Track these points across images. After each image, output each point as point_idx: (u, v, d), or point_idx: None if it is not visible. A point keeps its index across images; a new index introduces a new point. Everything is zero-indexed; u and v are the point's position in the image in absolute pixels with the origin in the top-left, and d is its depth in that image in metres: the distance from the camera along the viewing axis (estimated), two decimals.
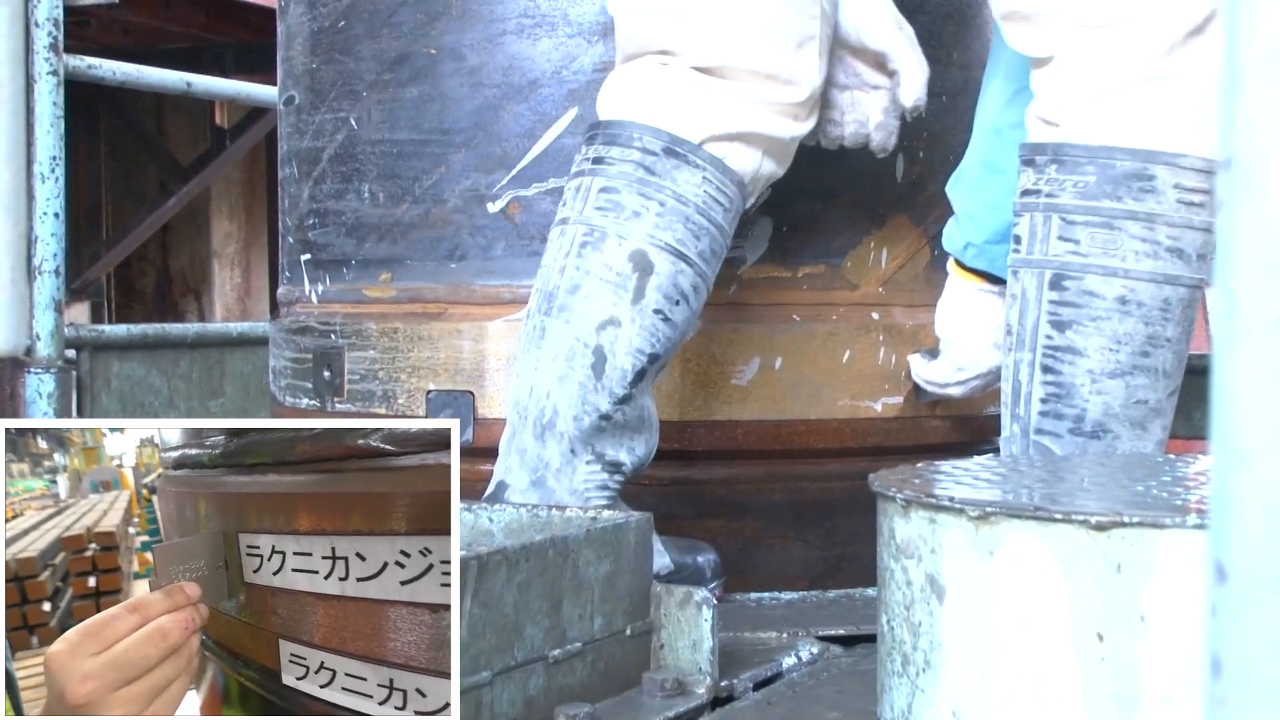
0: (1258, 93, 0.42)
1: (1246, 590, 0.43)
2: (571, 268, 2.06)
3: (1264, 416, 0.42)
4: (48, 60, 3.26)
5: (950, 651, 1.22)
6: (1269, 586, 0.43)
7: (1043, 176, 2.01)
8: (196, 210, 8.31)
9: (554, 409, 2.04)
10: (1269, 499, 0.43)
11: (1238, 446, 0.43)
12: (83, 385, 3.54)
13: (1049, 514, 1.15)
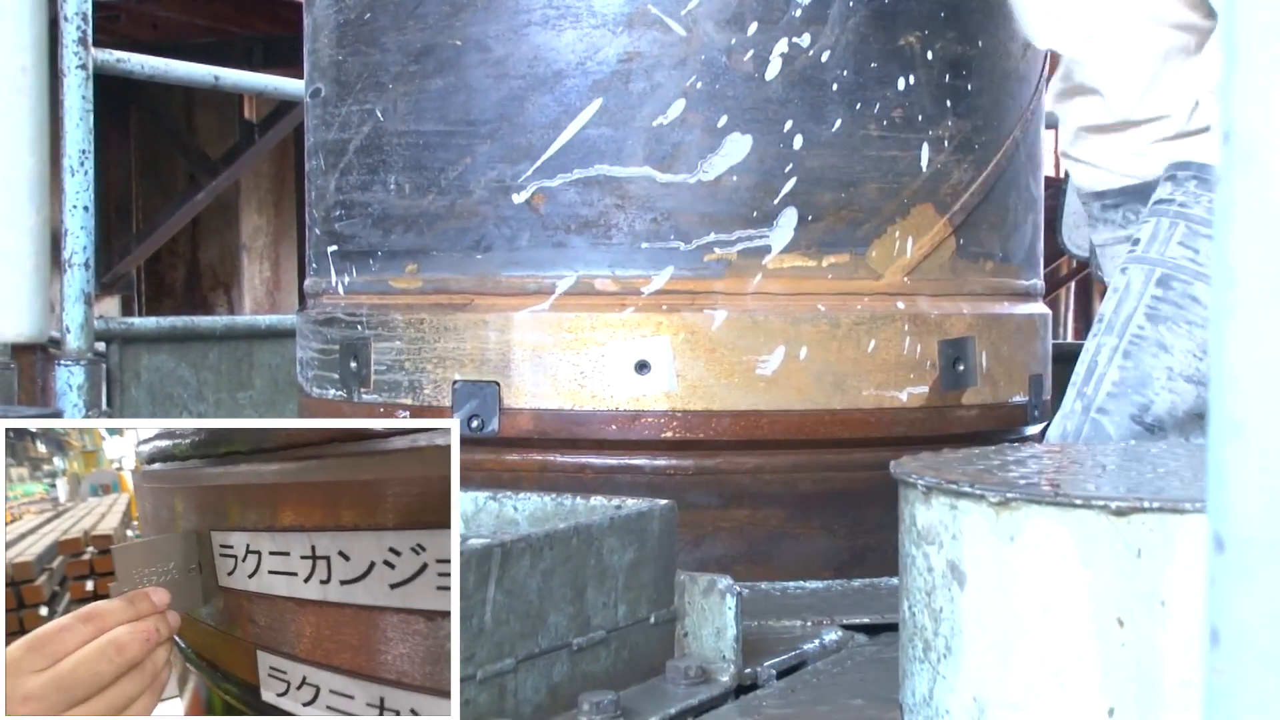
0: (1257, 67, 0.42)
1: (1244, 560, 0.43)
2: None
3: (1261, 386, 0.42)
4: (76, 54, 3.28)
5: (971, 637, 1.22)
6: (1267, 556, 0.43)
7: (1181, 189, 2.11)
8: (226, 204, 8.35)
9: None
10: (1266, 469, 0.43)
11: (1234, 417, 0.43)
12: (112, 378, 3.57)
13: (1069, 499, 1.15)
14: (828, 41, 2.38)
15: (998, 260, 2.59)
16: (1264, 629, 0.43)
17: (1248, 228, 0.43)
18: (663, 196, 2.36)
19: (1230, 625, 0.44)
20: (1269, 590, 0.43)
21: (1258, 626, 0.43)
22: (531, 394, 2.38)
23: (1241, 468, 0.44)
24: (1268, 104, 0.42)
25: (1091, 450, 1.50)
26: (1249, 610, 0.43)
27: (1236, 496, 0.44)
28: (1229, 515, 0.44)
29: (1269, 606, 0.42)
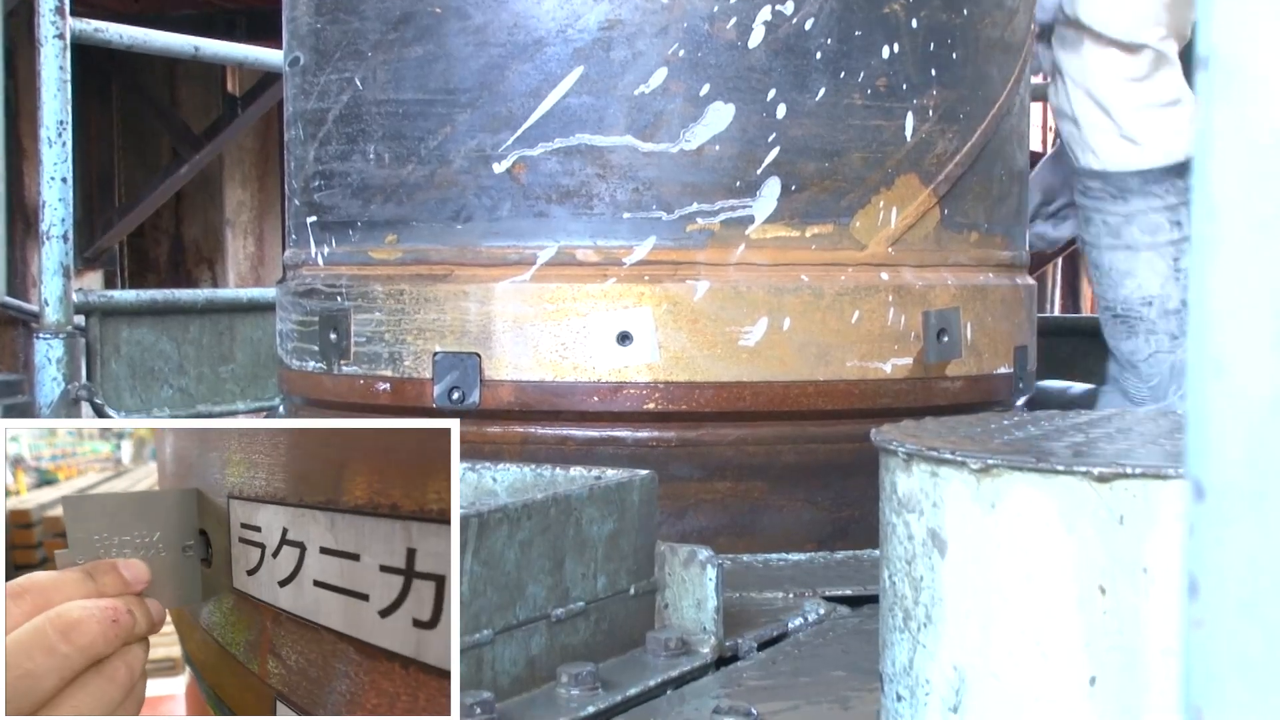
0: None
1: (1224, 507, 0.42)
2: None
3: (1243, 322, 0.41)
4: (54, 24, 3.24)
5: (952, 606, 1.20)
6: (1248, 502, 0.41)
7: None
8: (210, 178, 8.29)
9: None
10: (1248, 410, 0.41)
11: (1215, 355, 0.41)
12: (92, 351, 3.54)
13: (1051, 466, 1.13)
14: (811, 9, 2.35)
15: (983, 231, 2.57)
16: (1244, 578, 0.41)
17: (1228, 158, 0.41)
18: (645, 166, 2.33)
19: (1209, 575, 0.42)
20: (1249, 538, 0.41)
21: (1237, 576, 0.41)
22: (513, 366, 2.36)
23: (1222, 410, 0.42)
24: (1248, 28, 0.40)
25: (1075, 418, 1.49)
26: (1229, 559, 0.42)
27: (1216, 441, 0.42)
28: (1210, 460, 0.42)
29: (1249, 555, 0.41)
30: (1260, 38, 0.40)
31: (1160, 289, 3.07)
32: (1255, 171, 0.40)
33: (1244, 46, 0.40)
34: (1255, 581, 0.41)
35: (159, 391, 3.73)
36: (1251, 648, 0.40)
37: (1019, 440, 1.29)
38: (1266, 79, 0.40)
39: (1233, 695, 0.40)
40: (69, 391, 3.35)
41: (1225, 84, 0.41)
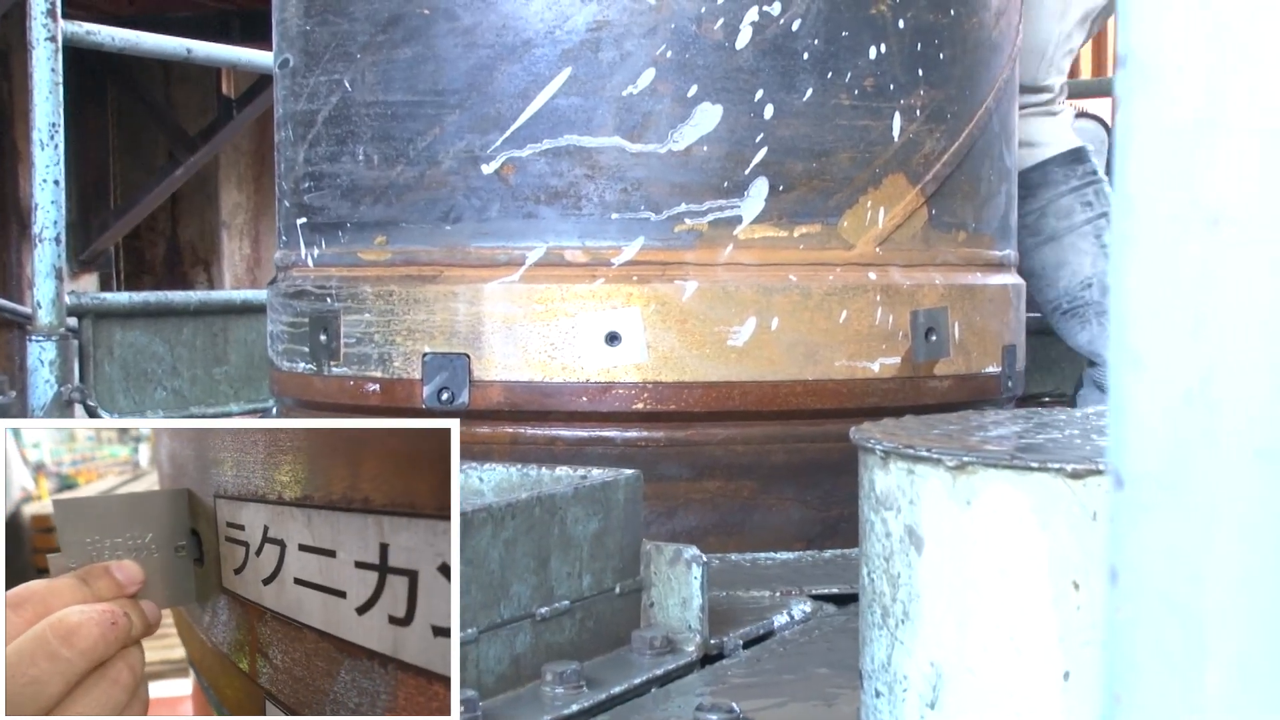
0: None
1: (1141, 496, 0.42)
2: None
3: (1160, 317, 0.41)
4: (45, 27, 3.25)
5: (928, 602, 1.21)
6: (1166, 492, 0.42)
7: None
8: (205, 180, 8.30)
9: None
10: (1164, 401, 0.42)
11: (1134, 347, 0.42)
12: (85, 353, 3.55)
13: (1025, 463, 1.14)
14: (798, 10, 2.36)
15: (970, 230, 2.58)
16: (1162, 567, 0.42)
17: (1145, 154, 0.42)
18: (633, 166, 2.34)
19: (1128, 564, 0.43)
20: (1167, 528, 0.42)
21: (1156, 565, 0.42)
22: (502, 366, 2.37)
23: (1140, 401, 0.43)
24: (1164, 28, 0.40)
25: (1053, 416, 1.50)
26: (1147, 549, 0.42)
27: (1135, 431, 0.43)
28: (1127, 451, 0.43)
29: (1167, 544, 0.42)
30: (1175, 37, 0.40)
31: (1093, 267, 3.23)
32: (1170, 167, 0.41)
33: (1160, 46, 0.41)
34: (1173, 570, 0.42)
35: (152, 393, 3.73)
36: (1169, 635, 0.41)
37: (996, 438, 1.30)
38: (1181, 77, 0.40)
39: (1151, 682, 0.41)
40: (62, 394, 3.36)
41: (1141, 82, 0.42)
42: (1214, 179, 0.40)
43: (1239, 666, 0.39)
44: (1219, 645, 0.40)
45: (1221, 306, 0.40)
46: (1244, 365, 0.40)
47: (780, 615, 1.97)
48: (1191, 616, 0.40)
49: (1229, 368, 0.40)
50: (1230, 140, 0.40)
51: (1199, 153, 0.40)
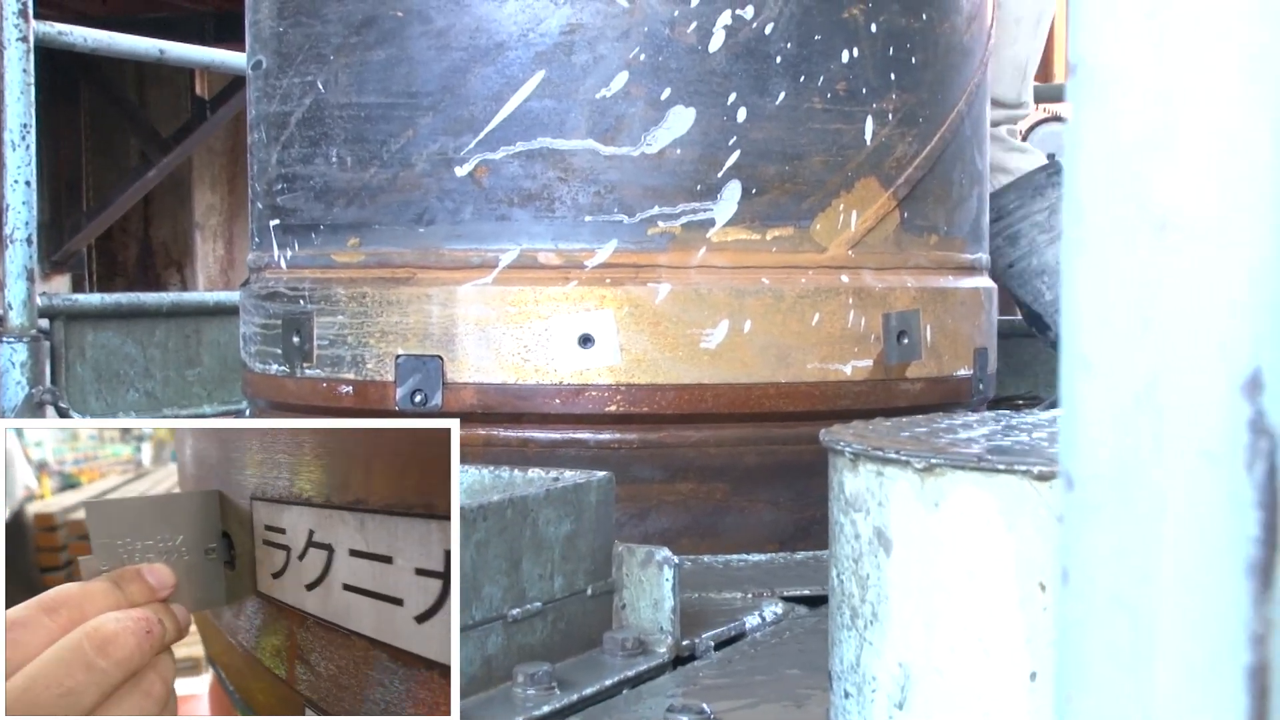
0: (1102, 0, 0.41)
1: (1090, 497, 0.43)
2: None
3: (1109, 321, 0.42)
4: (17, 27, 3.24)
5: (897, 603, 1.22)
6: (1114, 493, 0.42)
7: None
8: (179, 182, 8.27)
9: None
10: (1113, 403, 0.42)
11: (1083, 352, 0.43)
12: (57, 355, 3.53)
13: (992, 465, 1.15)
14: (771, 14, 2.37)
15: (942, 234, 2.60)
16: (1111, 567, 0.43)
17: (1094, 161, 0.43)
18: (606, 169, 2.35)
19: (1079, 564, 0.43)
20: (1116, 529, 0.42)
21: (1105, 565, 0.43)
22: (475, 368, 2.37)
23: (1090, 404, 0.43)
24: (1114, 34, 0.41)
25: (1024, 418, 1.51)
26: (1097, 549, 0.43)
27: (1085, 433, 0.43)
28: (1078, 453, 0.44)
29: (1116, 544, 0.42)
30: (1124, 46, 0.41)
31: None
32: (1119, 173, 0.42)
33: (1108, 54, 0.41)
34: (1122, 570, 0.42)
35: (124, 395, 3.72)
36: (1118, 635, 0.41)
37: (964, 440, 1.31)
38: (1129, 85, 0.41)
39: (1101, 681, 0.41)
40: (33, 395, 3.35)
41: (1090, 89, 0.42)
42: (1162, 184, 0.41)
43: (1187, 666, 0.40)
44: (1168, 645, 0.40)
45: (1168, 310, 0.41)
46: (1190, 368, 0.40)
47: (752, 617, 1.97)
48: (1140, 616, 0.41)
49: (1175, 370, 0.41)
50: (1178, 146, 0.41)
51: (1147, 159, 0.41)
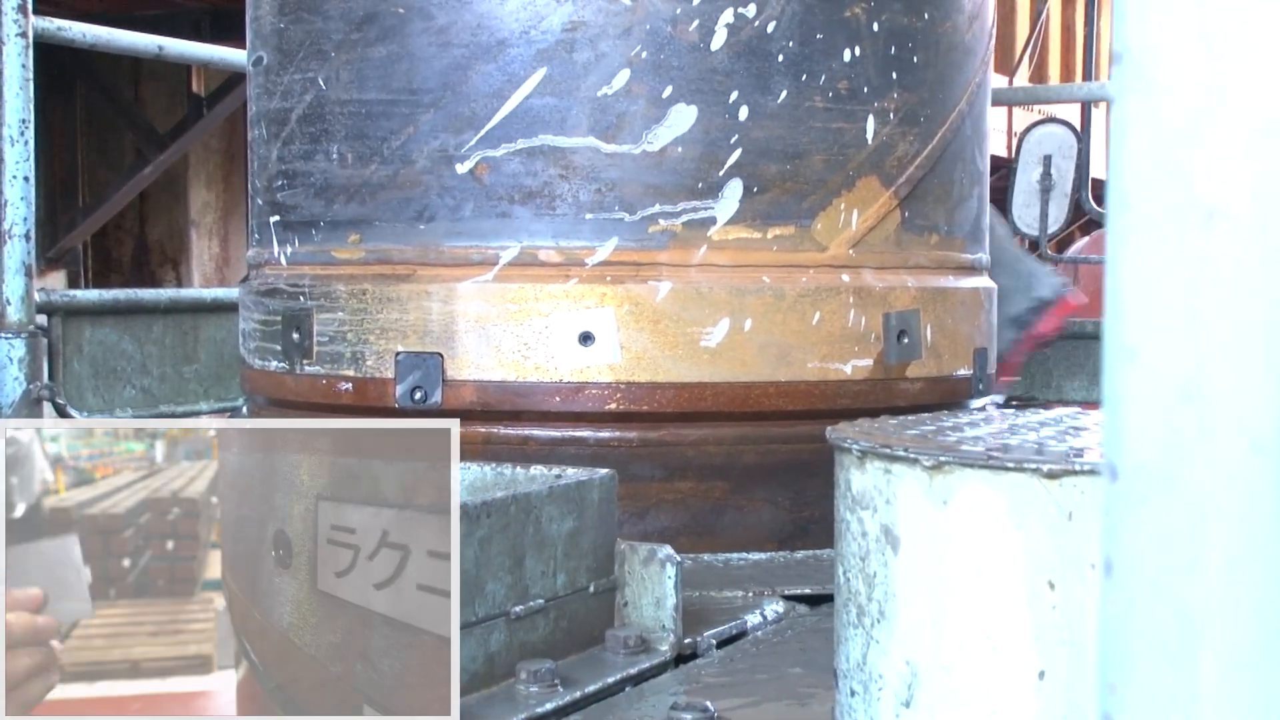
0: None
1: (1135, 488, 0.43)
2: None
3: (1154, 311, 0.42)
4: (16, 22, 3.22)
5: (904, 601, 1.22)
6: (1159, 484, 0.42)
7: None
8: (174, 179, 8.26)
9: None
10: (1158, 394, 0.42)
11: (1128, 343, 0.43)
12: (54, 351, 3.52)
13: (1001, 462, 1.15)
14: (773, 12, 2.37)
15: (943, 234, 2.59)
16: (1156, 558, 0.42)
17: (1140, 151, 0.43)
18: (607, 167, 2.35)
19: (1123, 555, 0.43)
20: (1161, 519, 0.42)
21: (1149, 555, 0.43)
22: (475, 365, 2.36)
23: (1135, 394, 0.43)
24: (1160, 24, 0.41)
25: (1030, 417, 1.50)
26: (1141, 539, 0.43)
27: (1129, 424, 0.43)
28: (1122, 444, 0.43)
29: (1161, 535, 0.42)
30: (1170, 34, 0.41)
31: None
32: (1165, 162, 0.42)
33: (1153, 44, 0.41)
34: (1166, 561, 0.42)
35: (121, 391, 3.71)
36: (1163, 625, 0.41)
37: (971, 438, 1.30)
38: (1175, 74, 0.41)
39: (1145, 671, 0.41)
40: (30, 391, 3.33)
41: (1136, 78, 0.42)
42: (1209, 174, 0.41)
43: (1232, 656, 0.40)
44: (1213, 635, 0.40)
45: (1216, 300, 0.40)
46: (1238, 358, 0.40)
47: (753, 615, 1.97)
48: (1185, 607, 0.41)
49: (1223, 361, 0.40)
50: (1225, 135, 0.40)
51: (1194, 148, 0.41)
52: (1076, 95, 6.17)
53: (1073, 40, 13.21)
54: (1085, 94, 5.76)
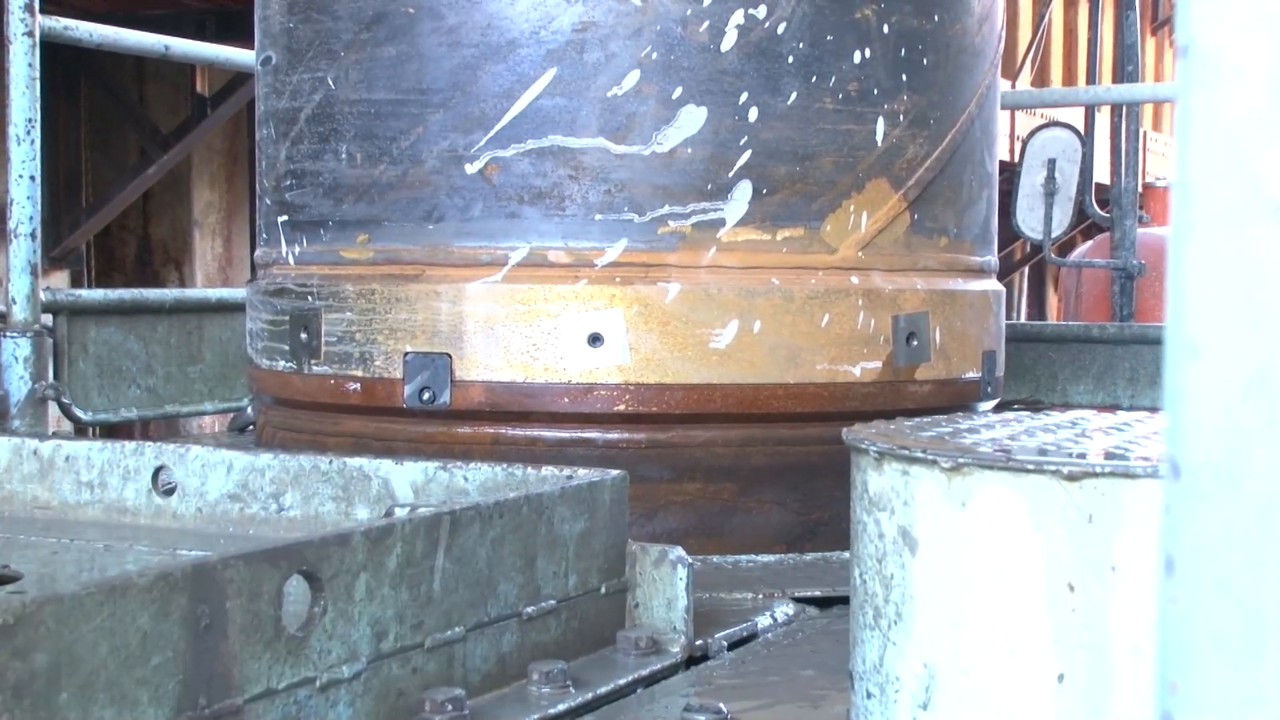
0: None
1: (1199, 485, 0.43)
2: None
3: (1218, 306, 0.42)
4: (23, 21, 3.22)
5: (922, 603, 1.21)
6: (1223, 482, 0.42)
7: None
8: (178, 178, 8.25)
9: None
10: (1222, 391, 0.42)
11: (1192, 339, 0.42)
12: (59, 350, 3.52)
13: (1021, 465, 1.15)
14: (783, 13, 2.36)
15: (952, 236, 2.59)
16: (1219, 555, 0.42)
17: (1206, 145, 0.42)
18: (617, 168, 2.34)
19: (1185, 553, 0.43)
20: (1225, 517, 0.42)
21: (1212, 553, 0.42)
22: (483, 366, 2.36)
23: (1198, 391, 0.43)
24: (1227, 16, 0.41)
25: (1045, 419, 1.50)
26: (1204, 537, 0.42)
27: (1193, 420, 0.43)
28: (1185, 439, 0.43)
29: (1224, 533, 0.42)
30: (1235, 27, 0.40)
31: None
32: (1230, 157, 0.41)
33: (1220, 36, 0.41)
34: (1230, 559, 0.42)
35: (126, 391, 3.71)
36: (1227, 624, 0.41)
37: (989, 440, 1.30)
38: (1241, 67, 0.41)
39: (1208, 670, 0.41)
40: (36, 391, 3.33)
41: (1202, 72, 0.42)
42: (1275, 168, 0.40)
43: None
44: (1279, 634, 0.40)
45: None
46: None
47: (763, 617, 1.97)
48: (1250, 606, 0.41)
49: None
50: None
51: (1260, 142, 0.41)
52: (1081, 99, 6.18)
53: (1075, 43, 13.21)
54: (1090, 98, 5.77)
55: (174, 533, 1.99)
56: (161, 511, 2.03)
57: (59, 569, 1.82)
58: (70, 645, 1.09)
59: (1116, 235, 6.62)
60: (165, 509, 2.03)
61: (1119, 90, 5.72)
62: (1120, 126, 6.75)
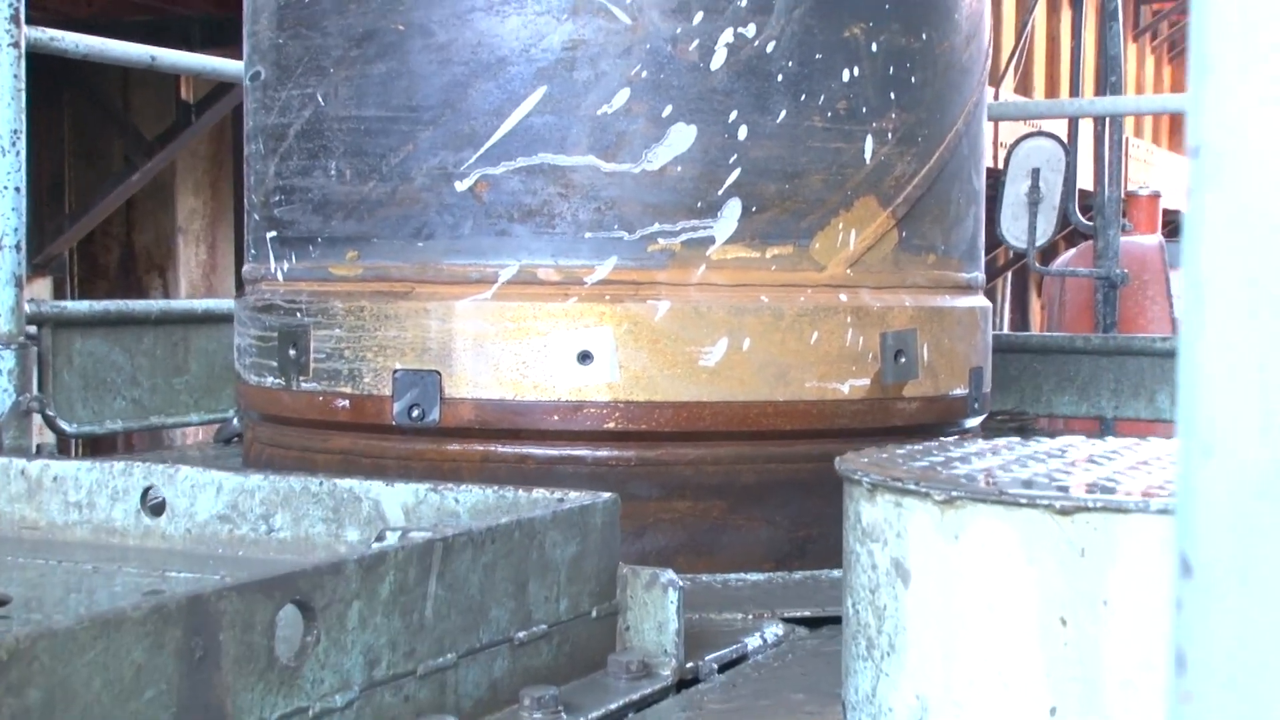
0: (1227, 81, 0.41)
1: (1212, 584, 0.43)
2: None
3: (1232, 407, 0.42)
4: (8, 32, 3.21)
5: (915, 635, 1.22)
6: (1235, 580, 0.42)
7: None
8: (162, 186, 8.23)
9: None
10: (1235, 491, 0.42)
11: (1204, 438, 0.43)
12: (44, 362, 3.51)
13: (1014, 498, 1.15)
14: (773, 32, 2.37)
15: (940, 253, 2.60)
16: (1231, 654, 0.42)
17: (1217, 243, 0.43)
18: (606, 186, 2.35)
19: (1197, 650, 0.43)
20: (1236, 615, 0.42)
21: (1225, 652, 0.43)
22: (473, 383, 2.36)
23: (1211, 490, 0.43)
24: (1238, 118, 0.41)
25: (1037, 447, 1.51)
26: (1216, 635, 0.43)
27: (1204, 519, 0.43)
28: (1198, 538, 0.44)
29: (1236, 631, 0.42)
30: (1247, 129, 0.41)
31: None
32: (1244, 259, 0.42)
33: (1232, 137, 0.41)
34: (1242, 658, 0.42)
35: (112, 403, 3.70)
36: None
37: (980, 470, 1.30)
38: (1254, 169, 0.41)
39: None
40: (20, 403, 3.32)
41: (1215, 173, 0.42)
42: None
43: None
44: None
45: None
46: None
47: (753, 638, 1.97)
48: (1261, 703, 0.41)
49: None
50: None
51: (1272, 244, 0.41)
52: (1066, 110, 6.19)
53: (1058, 50, 13.26)
54: (1075, 109, 5.78)
55: (163, 554, 1.98)
56: (150, 532, 2.03)
57: (47, 591, 1.81)
58: (64, 680, 1.09)
59: (1100, 245, 6.64)
60: (154, 530, 2.03)
61: (1104, 102, 5.74)
62: (1104, 135, 6.77)
